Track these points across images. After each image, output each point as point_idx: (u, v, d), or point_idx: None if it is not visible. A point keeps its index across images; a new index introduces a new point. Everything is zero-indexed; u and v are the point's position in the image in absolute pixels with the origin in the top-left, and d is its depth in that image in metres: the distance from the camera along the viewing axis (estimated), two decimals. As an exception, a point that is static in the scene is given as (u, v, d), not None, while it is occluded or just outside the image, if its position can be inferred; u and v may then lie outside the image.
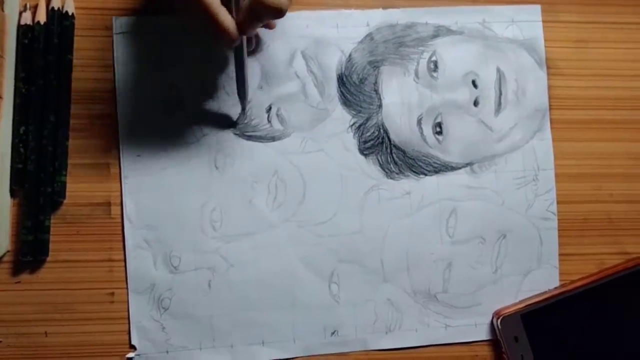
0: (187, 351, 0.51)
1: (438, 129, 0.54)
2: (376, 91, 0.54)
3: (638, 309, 0.52)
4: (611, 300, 0.52)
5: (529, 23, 0.55)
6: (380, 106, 0.53)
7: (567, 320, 0.52)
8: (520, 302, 0.52)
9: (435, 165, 0.54)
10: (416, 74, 0.54)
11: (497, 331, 0.52)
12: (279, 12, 0.44)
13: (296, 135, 0.53)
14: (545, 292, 0.53)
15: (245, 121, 0.52)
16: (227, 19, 0.45)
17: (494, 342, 0.53)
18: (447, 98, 0.54)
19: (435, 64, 0.54)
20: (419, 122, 0.53)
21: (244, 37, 0.48)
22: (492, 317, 0.53)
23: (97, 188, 0.51)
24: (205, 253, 0.52)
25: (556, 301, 0.52)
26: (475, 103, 0.54)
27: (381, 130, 0.53)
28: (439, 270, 0.53)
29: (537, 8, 0.55)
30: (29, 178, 0.50)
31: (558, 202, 0.54)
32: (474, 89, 0.54)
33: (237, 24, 0.45)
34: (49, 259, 0.50)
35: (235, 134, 0.52)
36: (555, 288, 0.53)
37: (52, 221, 0.50)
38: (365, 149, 0.53)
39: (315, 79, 0.53)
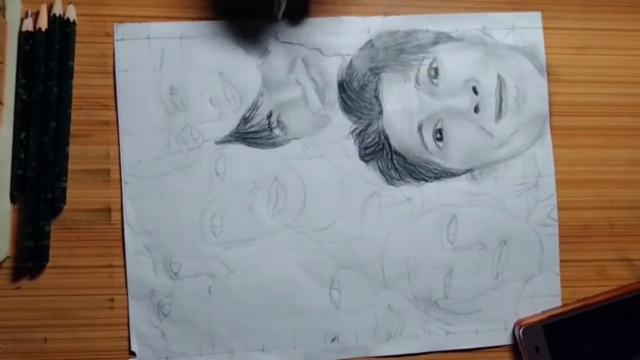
0: (187, 357, 0.51)
1: (438, 136, 0.54)
2: (377, 98, 0.54)
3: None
4: (634, 315, 0.52)
5: (529, 30, 0.55)
6: (380, 112, 0.53)
7: (589, 333, 0.51)
8: (543, 312, 0.52)
9: (436, 171, 0.54)
10: (417, 81, 0.54)
11: (518, 340, 0.52)
12: None
13: (297, 141, 0.53)
14: (568, 304, 0.52)
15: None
16: None
17: (495, 348, 0.53)
18: (447, 104, 0.54)
19: (436, 70, 0.54)
20: (420, 128, 0.53)
21: None
22: (514, 327, 0.52)
23: (98, 194, 0.51)
24: (205, 259, 0.51)
25: (579, 313, 0.51)
26: (476, 109, 0.54)
27: (382, 137, 0.53)
28: (439, 277, 0.53)
29: (538, 15, 0.55)
30: (30, 184, 0.50)
31: (559, 209, 0.54)
32: (474, 95, 0.54)
33: None
34: (49, 264, 0.50)
35: (236, 140, 0.52)
36: (578, 300, 0.52)
37: (52, 227, 0.50)
38: (366, 155, 0.53)
39: (316, 85, 0.53)
